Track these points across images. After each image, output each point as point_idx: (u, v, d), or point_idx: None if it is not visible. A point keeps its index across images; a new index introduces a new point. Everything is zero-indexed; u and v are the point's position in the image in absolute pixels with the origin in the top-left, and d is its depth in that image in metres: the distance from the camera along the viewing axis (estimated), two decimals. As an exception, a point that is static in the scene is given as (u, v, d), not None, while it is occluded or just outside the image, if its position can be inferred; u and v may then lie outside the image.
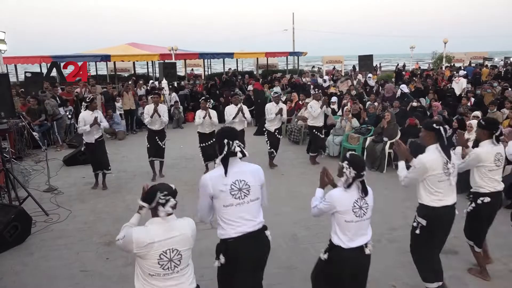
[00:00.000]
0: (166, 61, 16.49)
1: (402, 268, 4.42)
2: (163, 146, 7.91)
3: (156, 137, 7.77)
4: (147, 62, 24.60)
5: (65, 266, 4.67)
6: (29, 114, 10.33)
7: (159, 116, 7.59)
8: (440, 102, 10.38)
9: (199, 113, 7.81)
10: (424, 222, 3.66)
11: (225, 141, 2.88)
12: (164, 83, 14.38)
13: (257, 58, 24.69)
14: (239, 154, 2.90)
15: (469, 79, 16.16)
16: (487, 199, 4.02)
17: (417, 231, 3.72)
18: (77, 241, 5.29)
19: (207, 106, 7.88)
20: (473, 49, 32.28)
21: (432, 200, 3.63)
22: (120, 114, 12.98)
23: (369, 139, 8.47)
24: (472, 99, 11.04)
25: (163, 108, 7.81)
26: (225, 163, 2.88)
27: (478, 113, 7.75)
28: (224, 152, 2.87)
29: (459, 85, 14.15)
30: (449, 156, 3.56)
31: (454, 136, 7.39)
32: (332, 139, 9.15)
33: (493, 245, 4.77)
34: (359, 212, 3.03)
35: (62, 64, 15.48)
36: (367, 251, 3.10)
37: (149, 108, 7.67)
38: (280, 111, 8.19)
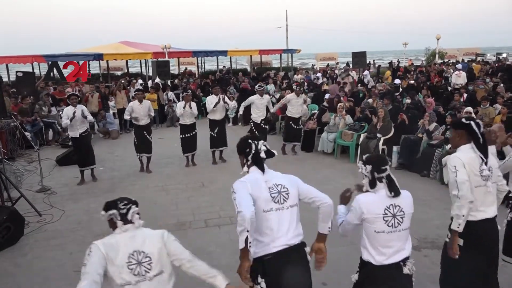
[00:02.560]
0: (159, 59, 16.42)
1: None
2: (151, 140, 8.09)
3: (144, 132, 7.96)
4: (140, 61, 24.48)
5: (58, 267, 4.64)
6: (21, 114, 10.25)
7: (150, 115, 7.99)
8: (434, 98, 10.43)
9: (180, 104, 8.26)
10: (460, 242, 3.01)
11: (249, 141, 2.64)
12: (158, 81, 14.33)
13: (251, 56, 24.66)
14: (263, 154, 2.62)
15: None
16: None
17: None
18: (70, 241, 5.26)
19: (189, 98, 8.26)
20: (465, 45, 32.49)
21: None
22: (114, 113, 12.92)
23: (362, 136, 8.49)
24: (465, 95, 11.11)
25: (147, 105, 7.97)
26: (259, 162, 2.60)
27: (470, 108, 7.80)
28: (253, 152, 2.60)
29: (461, 78, 14.41)
30: (486, 156, 2.97)
31: (447, 132, 7.43)
32: (326, 136, 9.17)
33: None
34: (391, 221, 2.53)
35: (62, 64, 15.37)
36: (405, 270, 2.58)
37: (133, 106, 7.84)
38: (267, 105, 8.75)
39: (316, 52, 29.81)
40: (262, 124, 8.72)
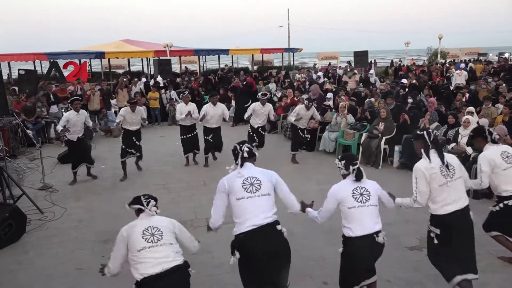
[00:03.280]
0: (161, 57, 16.41)
1: (397, 263, 4.43)
2: (140, 144, 7.83)
3: (133, 137, 7.67)
4: (142, 59, 24.48)
5: (60, 264, 4.65)
6: (24, 112, 10.27)
7: (137, 122, 7.61)
8: (436, 97, 10.42)
9: (180, 106, 8.18)
10: (436, 231, 3.53)
11: (236, 146, 3.32)
12: (159, 80, 14.33)
13: (252, 55, 24.63)
14: (246, 154, 3.25)
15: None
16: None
17: (435, 241, 3.56)
18: (72, 239, 5.27)
19: (188, 99, 8.18)
20: (467, 45, 32.43)
21: (439, 208, 3.48)
22: (115, 112, 12.93)
23: (364, 135, 8.48)
24: (467, 95, 11.09)
25: (139, 112, 7.66)
26: (240, 162, 3.25)
27: (471, 108, 7.78)
28: (240, 154, 3.27)
29: (462, 77, 14.43)
30: (442, 159, 3.46)
31: (449, 131, 7.43)
32: (328, 135, 9.16)
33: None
34: (360, 198, 3.19)
35: (62, 64, 15.38)
36: (378, 239, 3.19)
37: (124, 112, 7.53)
38: (268, 114, 8.35)
39: (318, 51, 29.71)
40: (260, 131, 8.45)
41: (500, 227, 4.24)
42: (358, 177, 3.26)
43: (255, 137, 8.32)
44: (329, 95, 11.37)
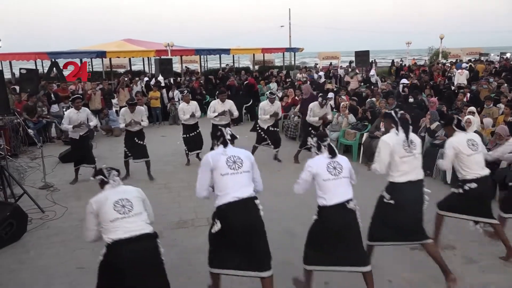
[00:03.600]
0: (162, 57, 16.41)
1: (399, 263, 4.43)
2: (144, 143, 7.58)
3: (135, 138, 7.48)
4: (143, 59, 24.47)
5: (61, 264, 4.65)
6: (26, 111, 10.27)
7: (137, 123, 7.36)
8: (437, 97, 10.40)
9: (182, 106, 8.14)
10: (388, 197, 3.91)
11: (220, 128, 3.70)
12: (160, 79, 14.33)
13: (254, 54, 24.61)
14: (229, 137, 3.62)
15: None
16: (474, 185, 4.21)
17: (385, 204, 3.95)
18: (73, 238, 5.27)
19: (188, 99, 8.16)
20: (469, 45, 32.38)
21: (397, 176, 3.89)
22: (116, 111, 12.94)
23: (365, 135, 8.47)
24: (468, 95, 11.07)
25: (140, 112, 7.49)
26: (224, 143, 3.59)
27: (473, 108, 7.77)
28: (222, 137, 3.61)
29: (463, 77, 14.49)
30: (407, 134, 3.87)
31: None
32: (329, 135, 9.15)
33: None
34: (334, 171, 3.53)
35: (63, 64, 15.40)
36: (349, 206, 3.50)
37: (124, 113, 7.38)
38: (275, 114, 8.19)
39: (319, 51, 29.66)
40: (271, 129, 8.31)
41: (455, 208, 4.51)
42: (332, 154, 3.61)
43: (266, 137, 8.27)
44: (330, 94, 11.35)
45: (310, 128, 8.34)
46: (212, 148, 8.19)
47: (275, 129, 8.45)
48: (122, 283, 3.01)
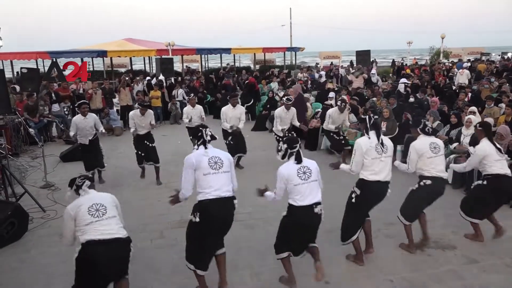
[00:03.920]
0: (163, 56, 16.42)
1: (400, 263, 4.43)
2: (154, 146, 7.44)
3: (145, 141, 7.33)
4: (144, 58, 24.49)
5: (62, 263, 4.65)
6: (27, 111, 10.29)
7: (153, 126, 7.30)
8: (438, 97, 10.39)
9: (188, 111, 8.07)
10: (358, 192, 4.35)
11: (200, 129, 3.90)
12: (161, 78, 14.34)
13: (254, 54, 24.61)
14: (209, 138, 3.86)
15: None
16: (428, 182, 4.54)
17: (353, 200, 4.41)
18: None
19: (195, 102, 8.05)
20: (470, 44, 32.33)
21: (367, 175, 4.29)
22: (117, 110, 12.96)
23: (366, 135, 8.46)
24: (469, 94, 11.06)
25: (149, 115, 7.25)
26: (205, 143, 3.85)
27: (474, 108, 7.75)
28: (202, 138, 3.86)
29: (464, 76, 14.48)
30: (378, 138, 4.26)
31: (452, 131, 7.40)
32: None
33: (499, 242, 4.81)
34: (303, 176, 3.77)
35: (62, 64, 15.41)
36: (316, 210, 3.78)
37: (134, 116, 7.19)
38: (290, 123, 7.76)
39: (320, 51, 29.65)
40: (287, 133, 7.57)
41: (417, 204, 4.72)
42: (298, 160, 3.83)
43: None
44: (331, 94, 11.34)
45: (333, 134, 8.04)
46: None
47: (292, 133, 7.82)
48: (94, 276, 3.36)
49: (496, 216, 4.80)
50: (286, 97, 8.16)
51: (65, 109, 11.67)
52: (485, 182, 4.76)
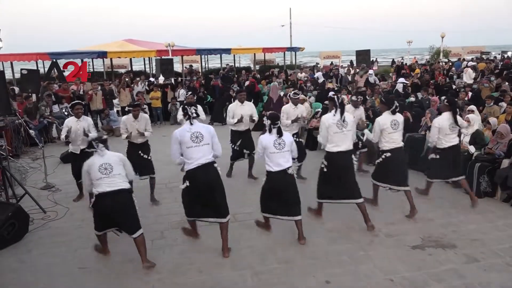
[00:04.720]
0: (163, 57, 16.41)
1: (400, 262, 4.43)
2: (149, 158, 6.42)
3: (139, 151, 6.28)
4: (144, 59, 24.49)
5: (63, 263, 4.66)
6: (26, 113, 10.29)
7: (141, 133, 6.21)
8: (438, 96, 10.37)
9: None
10: (325, 163, 5.12)
11: (186, 107, 4.54)
12: (161, 79, 14.34)
13: (254, 54, 24.60)
14: (194, 115, 4.52)
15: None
16: (388, 154, 5.42)
17: (324, 169, 5.15)
18: (75, 238, 5.29)
19: (193, 100, 7.82)
20: (470, 43, 32.31)
21: (331, 147, 5.06)
22: (117, 111, 12.96)
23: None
24: (470, 93, 11.04)
25: (144, 120, 6.31)
26: (190, 119, 4.48)
27: (473, 107, 7.75)
28: (188, 114, 4.49)
29: (467, 75, 14.52)
30: (342, 115, 4.98)
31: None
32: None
33: (493, 238, 4.82)
34: (278, 147, 4.65)
35: (62, 64, 15.41)
36: (289, 171, 4.70)
37: (126, 121, 6.23)
38: (298, 119, 6.83)
39: (320, 50, 29.66)
40: (295, 139, 6.10)
41: (379, 177, 5.63)
42: (279, 134, 4.69)
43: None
44: (331, 94, 11.33)
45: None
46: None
47: (299, 139, 7.17)
48: (107, 222, 4.42)
49: (497, 214, 4.80)
50: (293, 92, 7.31)
51: (64, 111, 11.66)
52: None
